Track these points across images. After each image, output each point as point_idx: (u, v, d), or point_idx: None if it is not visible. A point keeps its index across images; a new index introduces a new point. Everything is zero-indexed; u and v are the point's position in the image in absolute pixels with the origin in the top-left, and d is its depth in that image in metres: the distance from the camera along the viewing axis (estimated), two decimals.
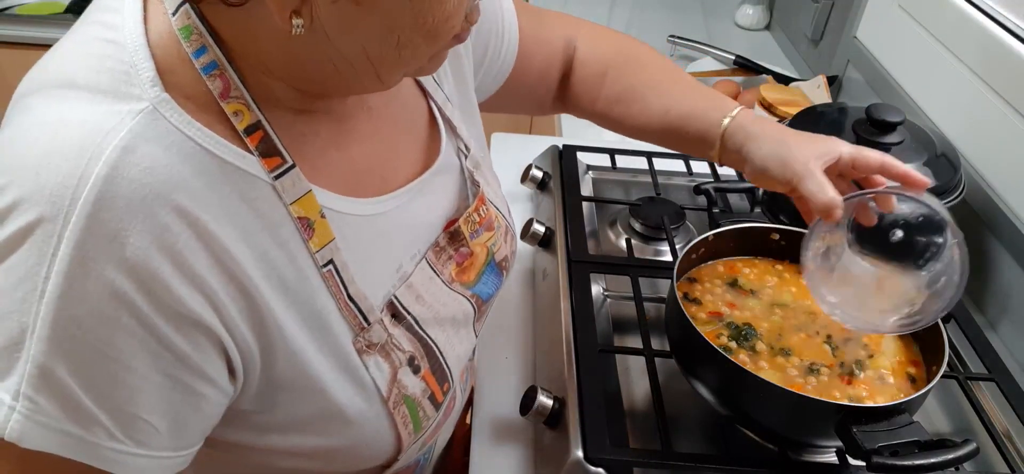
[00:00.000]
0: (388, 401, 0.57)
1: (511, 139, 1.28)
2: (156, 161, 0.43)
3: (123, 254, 0.42)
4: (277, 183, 0.49)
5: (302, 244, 0.51)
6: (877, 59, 1.29)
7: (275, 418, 0.53)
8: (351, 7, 0.45)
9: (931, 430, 0.80)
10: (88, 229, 0.41)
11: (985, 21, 1.01)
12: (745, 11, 1.89)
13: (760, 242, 0.83)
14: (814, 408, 0.64)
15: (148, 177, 0.43)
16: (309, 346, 0.52)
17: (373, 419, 0.57)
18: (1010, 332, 0.93)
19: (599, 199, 1.08)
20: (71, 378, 0.43)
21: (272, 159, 0.49)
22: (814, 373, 0.70)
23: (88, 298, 0.42)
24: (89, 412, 0.44)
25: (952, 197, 0.93)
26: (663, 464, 0.69)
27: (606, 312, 0.90)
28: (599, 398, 0.72)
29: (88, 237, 0.41)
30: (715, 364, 0.68)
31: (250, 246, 0.48)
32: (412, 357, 0.59)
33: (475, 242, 0.67)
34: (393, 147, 0.61)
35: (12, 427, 0.42)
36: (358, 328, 0.55)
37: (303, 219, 0.51)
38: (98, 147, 0.42)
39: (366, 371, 0.55)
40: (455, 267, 0.65)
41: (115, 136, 0.42)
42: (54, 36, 1.65)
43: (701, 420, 0.77)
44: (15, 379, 0.42)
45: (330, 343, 0.53)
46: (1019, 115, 0.93)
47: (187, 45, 0.46)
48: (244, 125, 0.48)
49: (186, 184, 0.44)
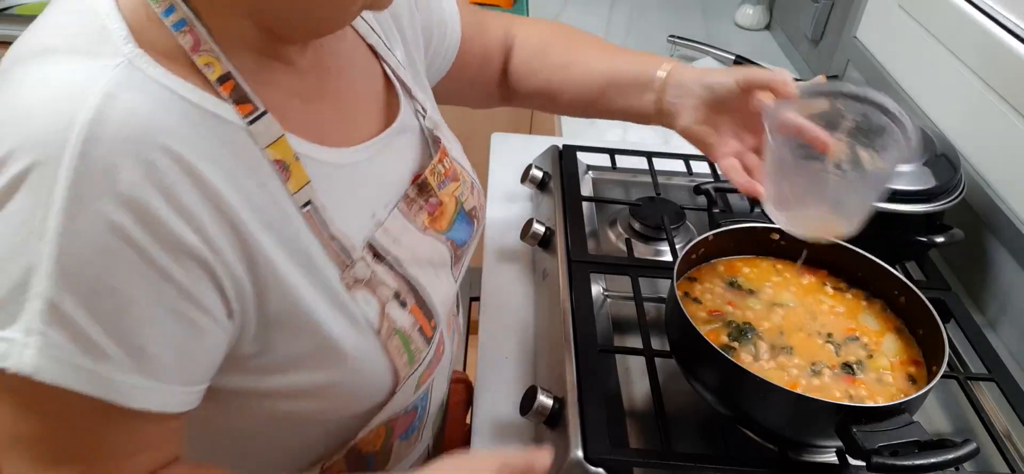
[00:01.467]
0: (380, 333, 0.59)
1: (511, 139, 1.28)
2: (138, 106, 0.45)
3: (116, 188, 0.44)
4: (251, 128, 0.51)
5: (281, 185, 0.53)
6: (877, 59, 1.29)
7: (274, 358, 0.55)
8: None
9: (931, 430, 0.80)
10: (81, 168, 0.43)
11: (985, 21, 1.01)
12: (745, 11, 1.89)
13: (760, 242, 0.83)
14: (814, 408, 0.64)
15: (133, 118, 0.45)
16: (301, 283, 0.54)
17: (369, 351, 0.59)
18: (1010, 332, 0.93)
19: (599, 199, 1.08)
20: (79, 312, 0.44)
21: (245, 105, 0.51)
22: (816, 374, 0.70)
23: (87, 233, 0.44)
24: (99, 345, 0.45)
25: (952, 197, 0.93)
26: (663, 464, 0.69)
27: (606, 312, 0.90)
28: (599, 398, 0.72)
29: (81, 175, 0.43)
30: (715, 364, 0.68)
31: (235, 187, 0.49)
32: (397, 292, 0.61)
33: (443, 192, 0.70)
34: (353, 104, 0.64)
35: (27, 360, 0.44)
36: (343, 265, 0.57)
37: (279, 162, 0.53)
38: (82, 94, 0.44)
39: (356, 306, 0.58)
40: (427, 216, 0.67)
41: (96, 84, 0.44)
42: None
43: (701, 420, 0.77)
44: (25, 318, 0.44)
45: (320, 280, 0.55)
46: (1019, 115, 0.93)
47: (156, 5, 0.49)
48: (216, 76, 0.50)
49: (170, 127, 0.46)
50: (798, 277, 0.82)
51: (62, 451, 0.48)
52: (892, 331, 0.76)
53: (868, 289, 0.81)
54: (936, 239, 0.91)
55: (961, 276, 1.03)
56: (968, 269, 1.02)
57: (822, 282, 0.81)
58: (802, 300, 0.79)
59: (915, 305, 0.75)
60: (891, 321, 0.77)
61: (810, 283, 0.81)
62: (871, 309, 0.79)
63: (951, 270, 1.04)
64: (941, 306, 0.88)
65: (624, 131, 1.43)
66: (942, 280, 0.97)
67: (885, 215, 0.91)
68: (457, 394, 0.92)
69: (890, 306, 0.79)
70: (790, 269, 0.83)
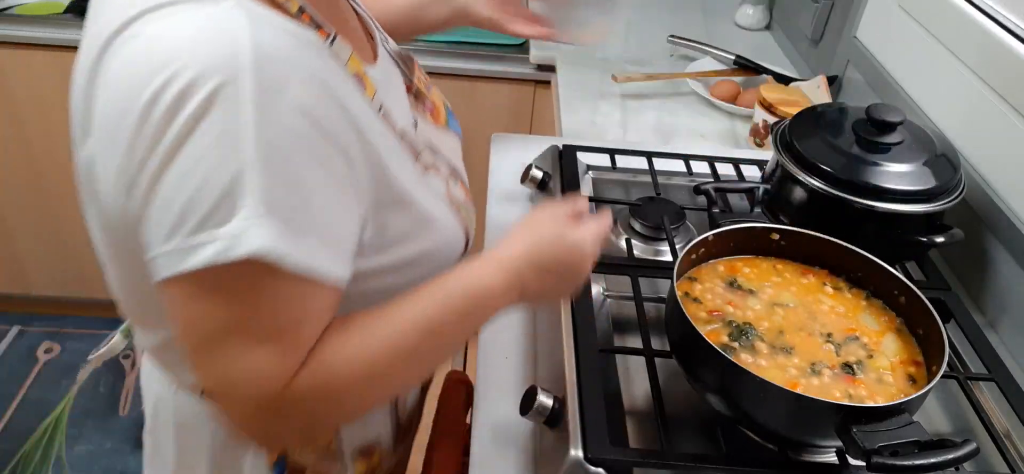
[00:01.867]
0: (451, 204, 0.73)
1: (511, 139, 1.28)
2: (271, 36, 0.52)
3: (290, 97, 0.51)
4: (332, 49, 0.60)
5: (361, 94, 0.62)
6: (877, 59, 1.29)
7: (385, 237, 0.64)
8: None
9: (931, 430, 0.80)
10: (261, 84, 0.50)
11: (985, 21, 1.01)
12: (745, 11, 1.89)
13: (760, 242, 0.83)
14: (814, 408, 0.64)
15: (278, 44, 0.52)
16: (399, 171, 0.64)
17: (448, 219, 0.72)
18: (1010, 332, 0.93)
19: (599, 199, 1.08)
20: (284, 200, 0.51)
21: (322, 31, 0.59)
22: (816, 374, 0.70)
23: (279, 135, 0.51)
24: (302, 226, 0.53)
25: (952, 197, 0.93)
26: (663, 464, 0.69)
27: (606, 312, 0.90)
28: (599, 398, 0.72)
29: (263, 90, 0.50)
30: (715, 364, 0.68)
31: (345, 98, 0.57)
32: (451, 172, 0.76)
33: (432, 95, 0.83)
34: (356, 25, 0.72)
35: (254, 244, 0.50)
36: (414, 154, 0.69)
37: (357, 75, 0.62)
38: (231, 28, 0.51)
39: (431, 184, 0.71)
40: (429, 115, 0.80)
41: (236, 21, 0.51)
42: (54, 36, 1.67)
43: (701, 420, 0.77)
44: (243, 212, 0.50)
45: (405, 168, 0.66)
46: (1019, 115, 0.93)
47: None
48: (295, 8, 0.57)
49: (296, 51, 0.54)
50: (799, 277, 0.82)
51: (266, 330, 0.54)
52: (892, 331, 0.76)
53: (868, 289, 0.81)
54: (936, 239, 0.91)
55: (961, 276, 1.03)
56: (968, 269, 1.02)
57: (822, 282, 0.82)
58: (802, 300, 0.79)
59: (915, 305, 0.75)
60: (891, 321, 0.77)
61: (810, 283, 0.81)
62: (871, 309, 0.79)
63: (951, 270, 1.04)
64: (941, 306, 0.88)
65: (624, 131, 1.43)
66: (942, 280, 0.97)
67: (885, 215, 0.91)
68: (457, 394, 0.92)
69: (890, 306, 0.79)
70: (790, 269, 0.83)
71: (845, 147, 0.95)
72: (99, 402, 1.96)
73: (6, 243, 1.99)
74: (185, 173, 0.50)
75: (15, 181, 1.87)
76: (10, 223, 1.95)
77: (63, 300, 2.13)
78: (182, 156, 0.50)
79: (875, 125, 0.94)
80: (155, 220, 0.52)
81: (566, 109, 1.50)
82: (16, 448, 1.83)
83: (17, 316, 2.17)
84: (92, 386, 2.00)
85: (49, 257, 2.02)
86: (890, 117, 0.93)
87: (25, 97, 1.72)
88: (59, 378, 2.01)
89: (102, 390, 1.98)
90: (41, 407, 1.93)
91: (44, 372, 2.03)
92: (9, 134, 1.78)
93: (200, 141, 0.49)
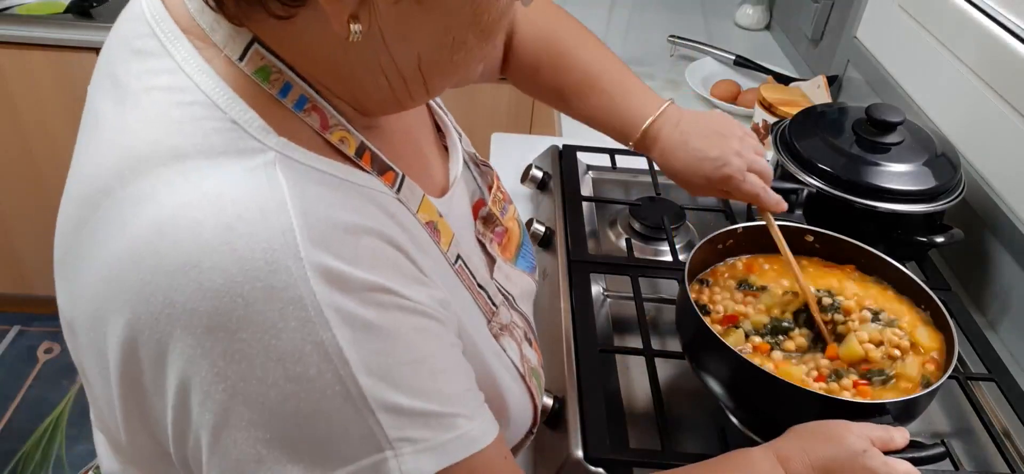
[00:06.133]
0: (525, 376, 0.60)
1: (511, 139, 1.27)
2: (324, 197, 0.42)
3: (360, 279, 0.41)
4: (400, 195, 0.49)
5: (435, 245, 0.52)
6: (877, 59, 1.29)
7: None
8: (413, 6, 0.43)
9: (931, 430, 0.80)
10: (321, 277, 0.40)
11: (985, 21, 1.01)
12: (745, 11, 1.89)
13: (793, 242, 0.81)
14: (795, 397, 0.64)
15: (332, 211, 0.42)
16: (476, 338, 0.54)
17: (518, 394, 0.59)
18: (1010, 332, 0.93)
19: (599, 199, 1.08)
20: (407, 400, 0.43)
21: (387, 174, 0.49)
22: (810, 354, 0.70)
23: (363, 334, 0.41)
24: (438, 413, 0.44)
25: (952, 197, 0.93)
26: (663, 464, 0.69)
27: (606, 312, 0.90)
28: (599, 398, 0.72)
29: (325, 283, 0.40)
30: (719, 352, 0.67)
31: (416, 255, 0.48)
32: (525, 332, 0.63)
33: (506, 218, 0.67)
34: (425, 140, 0.62)
35: (409, 469, 0.43)
36: (490, 314, 0.57)
37: (429, 223, 0.52)
38: (270, 198, 0.40)
39: (504, 352, 0.58)
40: (498, 246, 0.65)
41: (278, 187, 0.41)
42: (54, 36, 1.66)
43: (701, 420, 0.77)
44: (377, 438, 0.42)
45: (480, 334, 0.55)
46: (1019, 115, 0.93)
47: (269, 87, 0.44)
48: (353, 149, 0.47)
49: (358, 210, 0.44)
50: (824, 271, 0.81)
51: None
52: (922, 323, 0.75)
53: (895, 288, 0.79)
54: (936, 239, 0.91)
55: (961, 276, 1.03)
56: (968, 269, 1.02)
57: (848, 274, 0.80)
58: (826, 284, 0.78)
59: (938, 318, 0.74)
60: (919, 316, 0.76)
61: (835, 272, 0.80)
62: (900, 301, 0.78)
63: (951, 270, 1.04)
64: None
65: None
66: (942, 280, 0.97)
67: (885, 215, 0.91)
68: None
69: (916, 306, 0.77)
70: (815, 264, 0.82)
71: (845, 147, 0.95)
72: None
73: (6, 243, 1.99)
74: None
75: (15, 181, 1.87)
76: (10, 223, 1.95)
77: None
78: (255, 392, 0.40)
79: (875, 125, 0.94)
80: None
81: None
82: (16, 448, 1.83)
83: (17, 316, 2.17)
84: None
85: (49, 257, 2.01)
86: (890, 117, 0.93)
87: (25, 97, 1.72)
88: (59, 378, 2.01)
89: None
90: (41, 407, 1.93)
91: (44, 372, 2.03)
92: (9, 134, 1.78)
93: (285, 370, 0.40)
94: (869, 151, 0.94)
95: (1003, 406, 0.79)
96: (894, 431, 0.60)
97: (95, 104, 0.49)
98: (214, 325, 0.39)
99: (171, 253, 0.39)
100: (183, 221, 0.40)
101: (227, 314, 0.39)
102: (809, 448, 0.58)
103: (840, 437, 0.58)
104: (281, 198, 0.40)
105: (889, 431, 0.60)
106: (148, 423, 0.45)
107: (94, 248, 0.43)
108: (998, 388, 0.79)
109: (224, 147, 0.42)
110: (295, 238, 0.39)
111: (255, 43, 0.44)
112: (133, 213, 0.41)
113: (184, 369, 0.40)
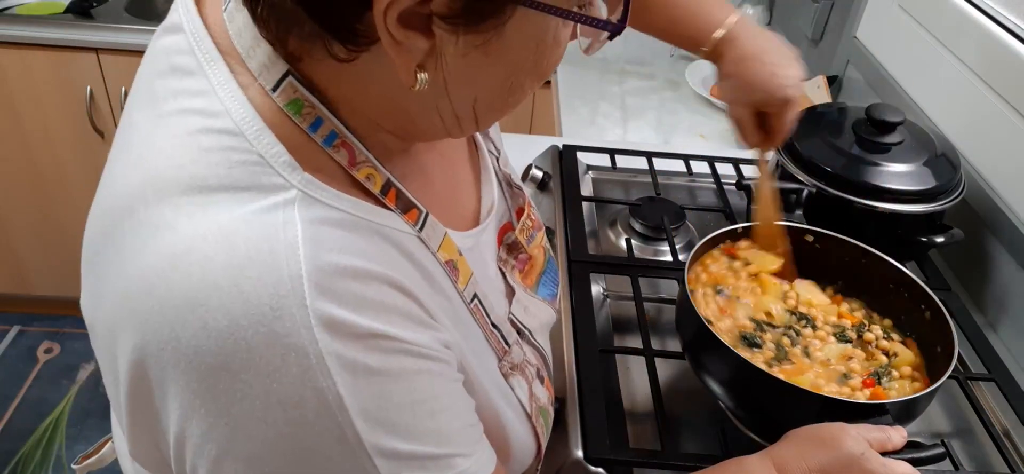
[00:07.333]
0: (531, 416, 0.58)
1: (511, 139, 1.27)
2: (340, 239, 0.42)
3: (361, 326, 0.41)
4: (421, 234, 0.49)
5: (452, 285, 0.51)
6: (877, 59, 1.29)
7: None
8: (480, 57, 0.43)
9: (931, 430, 0.80)
10: (324, 323, 0.40)
11: (985, 21, 1.01)
12: (745, 11, 1.89)
13: (793, 243, 0.81)
14: (795, 397, 0.64)
15: (344, 255, 0.42)
16: (484, 379, 0.53)
17: (522, 434, 0.58)
18: (1010, 332, 0.93)
19: (599, 199, 1.08)
20: (404, 445, 0.43)
21: (411, 213, 0.48)
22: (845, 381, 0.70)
23: (363, 379, 0.41)
24: (435, 455, 0.45)
25: (952, 197, 0.93)
26: (663, 464, 0.69)
27: (606, 312, 0.90)
28: (599, 398, 0.72)
29: (329, 329, 0.40)
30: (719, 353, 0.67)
31: (426, 297, 0.47)
32: (538, 369, 0.61)
33: (532, 246, 0.65)
34: (455, 168, 0.61)
35: None
36: (501, 352, 0.56)
37: (449, 262, 0.51)
38: (282, 241, 0.40)
39: (512, 392, 0.57)
40: (519, 274, 0.63)
41: (292, 230, 0.41)
42: (54, 36, 1.66)
43: (701, 420, 0.77)
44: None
45: (489, 375, 0.54)
46: (1019, 115, 0.93)
47: (300, 120, 0.44)
48: (379, 187, 0.47)
49: (372, 254, 0.44)
50: (817, 292, 0.80)
51: None
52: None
53: (888, 308, 0.79)
54: (936, 239, 0.91)
55: (961, 276, 1.03)
56: (968, 269, 1.02)
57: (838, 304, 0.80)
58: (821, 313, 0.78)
59: (939, 321, 0.73)
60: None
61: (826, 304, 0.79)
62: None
63: (951, 270, 1.04)
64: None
65: (624, 131, 1.43)
66: (942, 280, 0.97)
67: (885, 215, 0.91)
68: None
69: (911, 320, 0.77)
70: (804, 286, 0.81)
71: (845, 147, 0.95)
72: (99, 402, 1.95)
73: (6, 243, 1.99)
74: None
75: (15, 181, 1.87)
76: (10, 223, 1.95)
77: (63, 300, 2.13)
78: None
79: (875, 125, 0.94)
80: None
81: (566, 109, 1.50)
82: (16, 448, 1.83)
83: (17, 316, 2.17)
84: (92, 386, 2.00)
85: (49, 257, 2.02)
86: (890, 117, 0.93)
87: (25, 97, 1.72)
88: (59, 378, 2.01)
89: (102, 390, 1.98)
90: (41, 407, 1.93)
91: (44, 372, 2.03)
92: (9, 134, 1.78)
93: (281, 409, 0.40)
94: (869, 151, 0.94)
95: (1003, 406, 0.79)
96: (891, 431, 0.60)
97: (132, 112, 0.49)
98: (217, 365, 0.40)
99: (180, 287, 0.40)
100: (196, 255, 0.40)
101: (230, 356, 0.39)
102: (806, 454, 0.58)
103: (837, 441, 0.58)
104: (294, 242, 0.40)
105: (886, 431, 0.60)
106: (153, 435, 0.45)
107: (115, 262, 0.44)
108: (998, 388, 0.79)
109: (247, 182, 0.42)
110: (302, 286, 0.40)
111: (289, 75, 0.44)
112: (152, 237, 0.42)
113: (188, 402, 0.41)
